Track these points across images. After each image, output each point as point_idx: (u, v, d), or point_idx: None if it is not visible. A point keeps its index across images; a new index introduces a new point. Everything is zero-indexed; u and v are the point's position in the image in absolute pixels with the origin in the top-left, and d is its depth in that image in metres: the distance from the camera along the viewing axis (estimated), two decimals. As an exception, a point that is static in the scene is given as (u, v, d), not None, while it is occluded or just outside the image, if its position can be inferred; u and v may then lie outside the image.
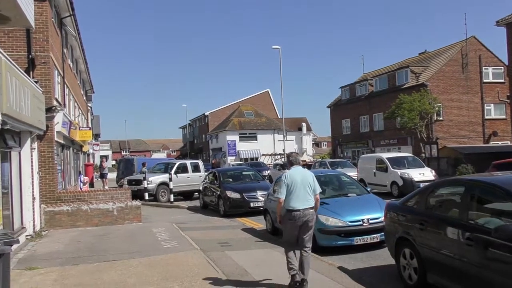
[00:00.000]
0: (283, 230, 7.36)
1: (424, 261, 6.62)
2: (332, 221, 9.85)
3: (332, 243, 9.86)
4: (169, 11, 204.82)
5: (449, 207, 6.79)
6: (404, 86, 41.00)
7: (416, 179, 21.12)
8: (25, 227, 12.18)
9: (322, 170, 21.02)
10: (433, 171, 22.94)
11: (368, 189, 12.60)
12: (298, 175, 7.24)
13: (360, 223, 9.91)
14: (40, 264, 9.23)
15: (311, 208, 7.12)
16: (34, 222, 12.86)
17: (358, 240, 9.80)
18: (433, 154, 34.12)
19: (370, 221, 9.91)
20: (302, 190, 7.11)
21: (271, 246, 10.72)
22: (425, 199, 7.18)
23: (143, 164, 25.99)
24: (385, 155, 24.77)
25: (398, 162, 23.14)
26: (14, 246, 6.99)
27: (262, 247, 10.64)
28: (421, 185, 18.12)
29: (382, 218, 8.79)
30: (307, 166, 37.68)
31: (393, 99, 37.39)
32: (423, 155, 34.00)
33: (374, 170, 23.83)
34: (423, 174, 21.75)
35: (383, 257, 9.08)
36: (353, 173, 22.50)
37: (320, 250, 9.76)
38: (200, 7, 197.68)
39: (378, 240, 9.79)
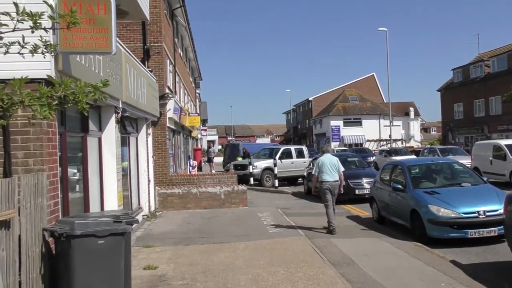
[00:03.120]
0: (321, 194, 11.16)
1: (551, 260, 6.05)
2: (444, 212, 9.34)
3: (444, 235, 9.36)
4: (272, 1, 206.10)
5: None
6: (527, 67, 37.49)
7: (540, 168, 19.28)
8: (141, 208, 13.08)
9: (432, 158, 20.01)
10: (560, 161, 20.76)
11: (484, 178, 11.75)
12: (326, 159, 11.05)
13: (475, 215, 9.27)
14: (155, 242, 9.87)
15: (336, 181, 10.94)
16: (149, 203, 13.77)
17: (473, 233, 9.18)
18: (560, 141, 30.90)
19: (487, 213, 9.24)
20: (329, 169, 10.89)
21: (378, 235, 10.45)
22: (553, 192, 6.53)
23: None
24: (503, 142, 22.87)
25: (519, 150, 21.26)
26: (133, 225, 7.54)
27: (368, 236, 10.42)
28: (546, 175, 16.54)
29: (501, 211, 8.17)
30: (415, 153, 36.08)
31: (514, 81, 34.37)
32: (548, 142, 30.95)
33: (490, 158, 22.12)
34: (549, 164, 19.80)
35: (502, 253, 8.45)
36: (466, 161, 21.04)
37: (430, 241, 9.34)
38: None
39: (496, 234, 9.10)
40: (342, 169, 11.13)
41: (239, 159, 30.47)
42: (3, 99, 3.15)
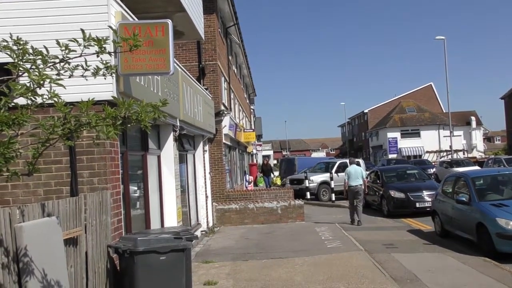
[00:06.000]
0: (348, 197, 14.53)
1: None
2: (513, 225, 8.86)
3: (514, 249, 8.86)
4: (325, 12, 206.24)
5: None
6: None
7: None
8: (200, 223, 13.27)
9: (498, 169, 19.04)
10: None
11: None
12: (352, 169, 14.61)
13: (548, 228, 8.74)
14: (214, 258, 9.96)
15: (360, 185, 14.25)
16: (207, 219, 13.94)
17: (547, 248, 8.65)
18: None
19: (562, 227, 8.69)
20: (355, 176, 14.31)
21: (442, 250, 10.06)
22: None
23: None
24: None
25: None
26: (193, 241, 7.64)
27: (431, 251, 10.04)
28: None
29: None
30: (478, 163, 34.54)
31: None
32: None
33: (561, 168, 20.92)
34: None
35: None
36: (535, 171, 19.92)
37: (499, 256, 8.87)
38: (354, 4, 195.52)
39: None
40: (365, 176, 15.21)
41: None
42: (71, 121, 3.31)
